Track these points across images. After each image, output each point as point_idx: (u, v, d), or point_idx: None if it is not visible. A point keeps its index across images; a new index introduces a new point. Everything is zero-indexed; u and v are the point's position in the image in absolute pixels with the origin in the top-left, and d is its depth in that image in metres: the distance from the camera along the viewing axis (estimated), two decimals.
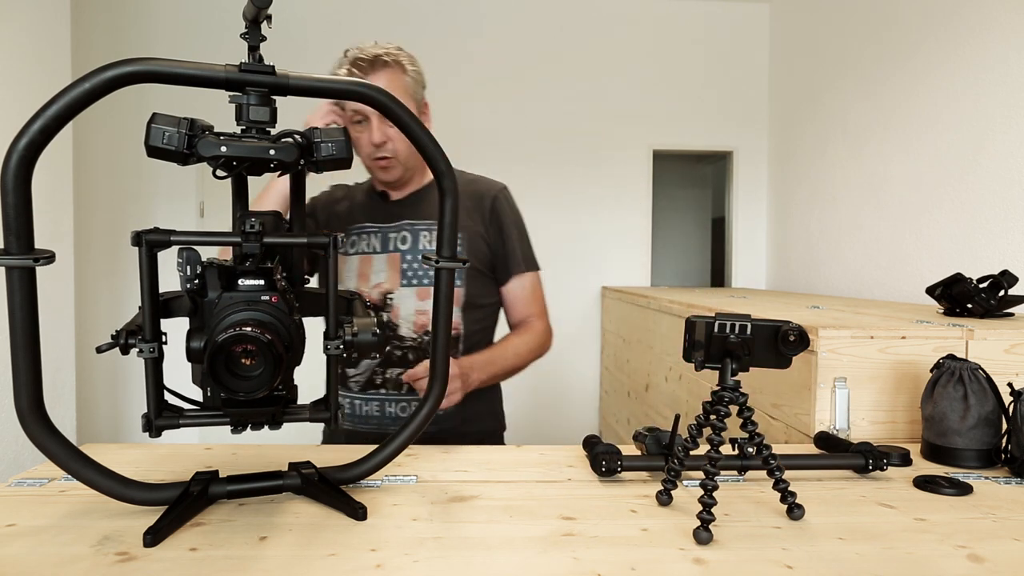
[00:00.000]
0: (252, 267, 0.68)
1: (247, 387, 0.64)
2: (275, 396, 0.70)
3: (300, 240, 0.72)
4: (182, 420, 0.71)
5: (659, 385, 2.39)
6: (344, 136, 0.71)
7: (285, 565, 0.62)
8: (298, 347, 0.70)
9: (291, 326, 0.69)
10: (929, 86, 2.49)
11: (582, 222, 3.90)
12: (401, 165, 1.24)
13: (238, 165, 0.66)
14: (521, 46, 3.85)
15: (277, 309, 0.68)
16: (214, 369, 0.63)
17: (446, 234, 0.77)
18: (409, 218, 1.28)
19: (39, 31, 2.37)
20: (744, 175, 3.98)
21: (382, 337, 0.80)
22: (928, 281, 1.84)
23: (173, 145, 0.64)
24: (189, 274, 0.67)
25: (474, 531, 0.71)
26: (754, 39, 3.95)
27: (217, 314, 0.67)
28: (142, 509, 0.75)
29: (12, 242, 0.60)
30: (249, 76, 0.64)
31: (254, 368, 0.64)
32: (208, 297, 0.68)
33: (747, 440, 0.76)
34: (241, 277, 0.68)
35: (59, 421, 2.66)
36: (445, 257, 0.77)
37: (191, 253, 0.67)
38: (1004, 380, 1.01)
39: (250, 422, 0.72)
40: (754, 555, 0.66)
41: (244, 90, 0.65)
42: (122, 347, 0.67)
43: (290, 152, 0.66)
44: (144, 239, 0.65)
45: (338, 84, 0.69)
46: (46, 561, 0.63)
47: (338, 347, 0.72)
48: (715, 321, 0.74)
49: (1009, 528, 0.74)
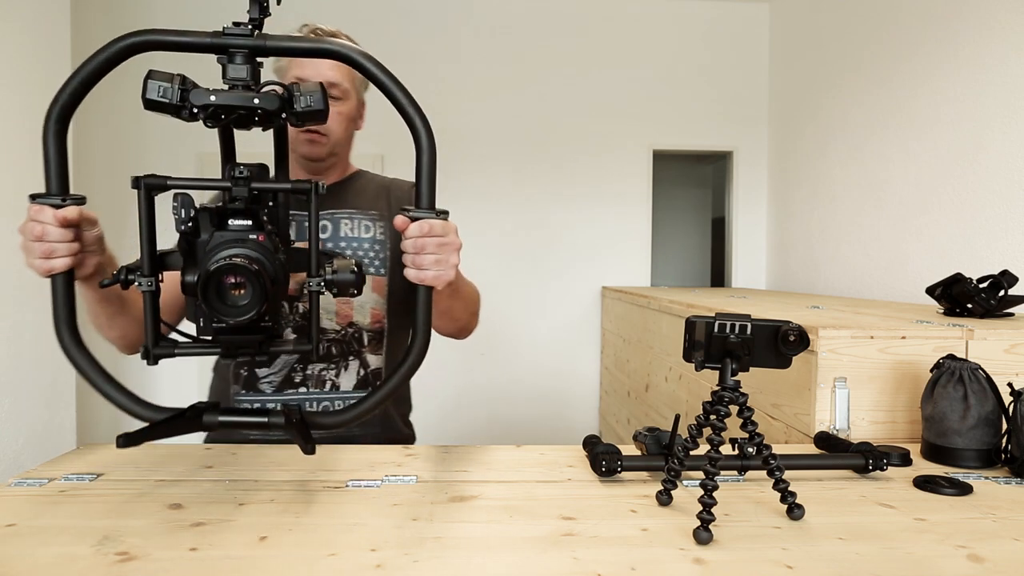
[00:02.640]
0: (241, 207, 0.74)
1: (236, 313, 0.70)
2: (262, 326, 0.75)
3: (285, 186, 0.77)
4: (177, 349, 0.77)
5: (659, 385, 2.39)
6: (321, 90, 0.74)
7: (285, 565, 0.62)
8: (282, 281, 0.75)
9: (275, 262, 0.74)
10: (929, 86, 2.49)
11: (582, 222, 3.90)
12: (330, 146, 1.19)
13: (226, 116, 0.72)
14: (520, 46, 3.85)
15: (263, 247, 0.74)
16: (207, 296, 0.69)
17: (423, 187, 0.79)
18: (329, 207, 1.21)
19: (39, 31, 2.37)
20: (744, 175, 3.98)
21: (362, 275, 0.80)
22: (928, 281, 1.84)
23: (168, 98, 0.69)
24: (184, 216, 0.73)
25: (474, 531, 0.71)
26: (754, 39, 3.95)
27: (210, 251, 0.72)
28: (141, 509, 0.75)
29: (48, 184, 0.74)
30: (230, 40, 0.71)
31: (242, 298, 0.70)
32: (201, 237, 0.74)
33: (747, 440, 0.76)
34: (231, 217, 0.74)
35: (59, 421, 2.66)
36: (422, 208, 0.79)
37: (185, 197, 0.73)
38: (1004, 380, 1.01)
39: (240, 350, 0.77)
40: (754, 555, 0.66)
41: (228, 52, 0.72)
42: (123, 282, 0.74)
43: (272, 101, 0.71)
44: (143, 183, 0.71)
45: (313, 44, 0.73)
46: (46, 561, 0.63)
47: (319, 284, 0.78)
48: (715, 321, 0.74)
49: (1009, 528, 0.74)
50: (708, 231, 5.80)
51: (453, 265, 0.84)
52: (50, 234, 0.75)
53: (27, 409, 2.30)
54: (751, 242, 4.00)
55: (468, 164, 3.78)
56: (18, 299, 2.25)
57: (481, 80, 3.84)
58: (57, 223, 0.75)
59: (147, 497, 0.80)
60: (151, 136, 3.65)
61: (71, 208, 0.75)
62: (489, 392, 3.83)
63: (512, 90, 3.86)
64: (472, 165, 3.79)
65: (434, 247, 0.81)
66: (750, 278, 4.00)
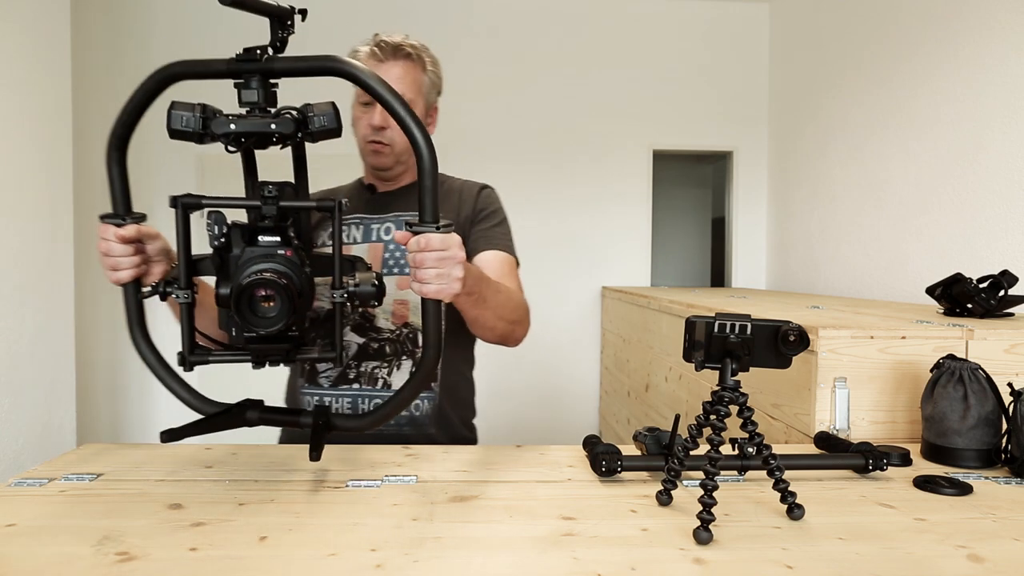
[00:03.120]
0: (270, 225, 0.81)
1: (266, 324, 0.76)
2: (290, 336, 0.82)
3: (311, 204, 0.82)
4: (211, 357, 0.84)
5: (659, 385, 2.39)
6: (333, 109, 0.79)
7: (285, 565, 0.62)
8: (308, 294, 0.81)
9: (302, 276, 0.80)
10: (929, 86, 2.49)
11: (582, 222, 3.90)
12: (394, 155, 1.24)
13: (246, 140, 0.78)
14: (520, 46, 3.85)
15: (290, 261, 0.80)
16: (239, 308, 0.75)
17: (425, 201, 0.81)
18: (397, 210, 1.27)
19: (39, 31, 2.37)
20: (744, 175, 3.98)
21: (382, 288, 0.84)
22: (928, 281, 1.84)
23: (191, 127, 0.76)
24: (217, 232, 0.79)
25: (474, 531, 0.71)
26: (754, 39, 3.95)
27: (241, 265, 0.79)
28: (141, 509, 0.75)
29: (114, 205, 0.84)
30: (243, 66, 0.77)
31: (271, 310, 0.76)
32: (233, 252, 0.81)
33: (747, 440, 0.76)
34: (260, 234, 0.81)
35: (59, 421, 2.66)
36: (426, 222, 0.81)
37: (218, 215, 0.80)
38: (1004, 380, 1.01)
39: (268, 358, 0.84)
40: (754, 555, 0.66)
41: (243, 77, 0.77)
42: (161, 294, 0.83)
43: (288, 125, 0.77)
44: (180, 202, 0.79)
45: (313, 62, 0.78)
46: (46, 561, 0.63)
47: (342, 295, 0.83)
48: (715, 321, 0.74)
49: (1009, 528, 0.74)
50: (708, 231, 5.80)
51: (456, 278, 0.84)
52: (114, 250, 0.84)
53: (27, 409, 2.30)
54: (751, 242, 4.00)
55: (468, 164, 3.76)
56: (18, 299, 2.25)
57: (481, 80, 3.84)
58: (119, 240, 0.83)
59: (147, 497, 0.80)
60: (151, 136, 3.65)
61: (130, 227, 0.84)
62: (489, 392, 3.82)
63: (512, 90, 3.86)
64: (472, 165, 3.77)
65: (434, 261, 0.82)
66: (750, 278, 4.00)
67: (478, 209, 1.28)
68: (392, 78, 1.17)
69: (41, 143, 2.36)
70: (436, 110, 1.32)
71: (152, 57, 3.64)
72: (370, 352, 1.20)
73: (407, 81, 1.20)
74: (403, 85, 1.19)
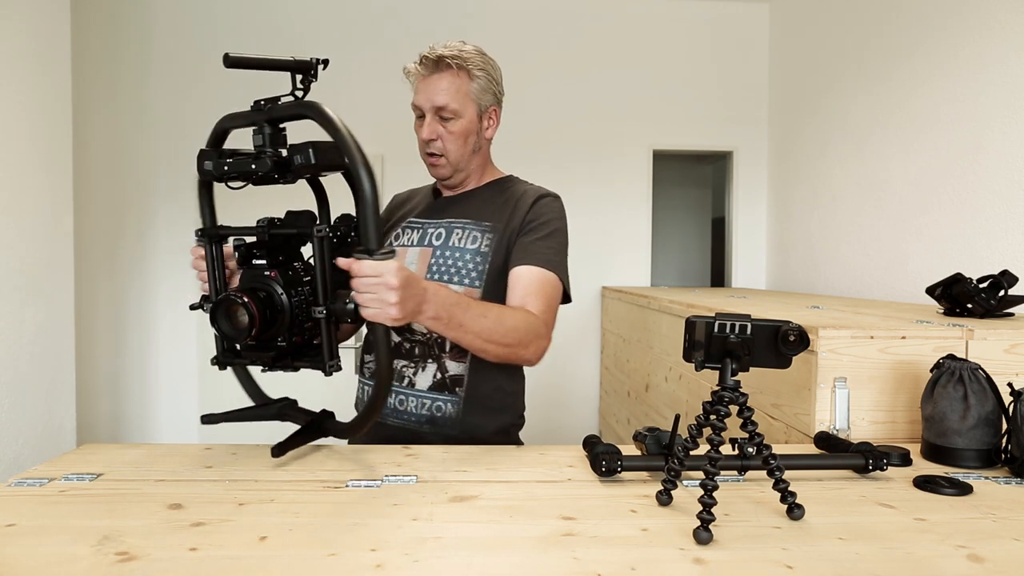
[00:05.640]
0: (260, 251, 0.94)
1: (234, 334, 0.89)
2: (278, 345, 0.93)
3: (291, 231, 0.94)
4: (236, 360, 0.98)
5: (659, 385, 2.39)
6: (310, 147, 0.87)
7: (285, 565, 0.62)
8: (283, 311, 0.90)
9: (279, 295, 0.90)
10: (929, 86, 2.49)
11: (582, 222, 3.89)
12: (450, 165, 1.26)
13: (239, 176, 0.90)
14: (520, 46, 3.85)
15: (273, 281, 0.91)
16: (215, 320, 0.89)
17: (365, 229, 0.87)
18: (451, 216, 1.29)
19: (39, 31, 2.37)
20: (744, 175, 3.98)
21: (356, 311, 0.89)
22: (928, 281, 1.84)
23: (211, 170, 0.90)
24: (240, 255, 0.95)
25: (474, 531, 0.71)
26: (754, 39, 3.95)
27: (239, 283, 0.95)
28: (141, 509, 0.75)
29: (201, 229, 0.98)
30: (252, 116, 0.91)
31: (241, 323, 0.88)
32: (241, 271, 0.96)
33: (747, 440, 0.76)
34: (253, 258, 0.94)
35: (59, 421, 2.66)
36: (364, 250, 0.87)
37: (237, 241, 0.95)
38: (1004, 380, 1.01)
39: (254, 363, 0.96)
40: (754, 555, 0.66)
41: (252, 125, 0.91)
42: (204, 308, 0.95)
43: (264, 164, 0.88)
44: (207, 234, 0.96)
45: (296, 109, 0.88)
46: (46, 561, 0.63)
47: (321, 312, 0.91)
48: (715, 321, 0.74)
49: (1009, 528, 0.74)
50: (708, 231, 5.80)
51: (390, 303, 0.87)
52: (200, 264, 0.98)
53: (27, 409, 2.30)
54: (751, 242, 4.00)
55: None
56: (18, 299, 2.25)
57: None
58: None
59: (147, 497, 0.80)
60: (152, 137, 3.65)
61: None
62: None
63: (512, 90, 3.83)
64: None
65: (367, 286, 0.86)
66: (750, 278, 4.00)
67: (528, 219, 1.25)
68: (438, 91, 1.20)
69: (41, 143, 2.36)
70: (496, 111, 1.33)
71: (152, 57, 3.65)
72: (403, 351, 1.23)
73: (451, 92, 1.21)
74: (448, 96, 1.20)
